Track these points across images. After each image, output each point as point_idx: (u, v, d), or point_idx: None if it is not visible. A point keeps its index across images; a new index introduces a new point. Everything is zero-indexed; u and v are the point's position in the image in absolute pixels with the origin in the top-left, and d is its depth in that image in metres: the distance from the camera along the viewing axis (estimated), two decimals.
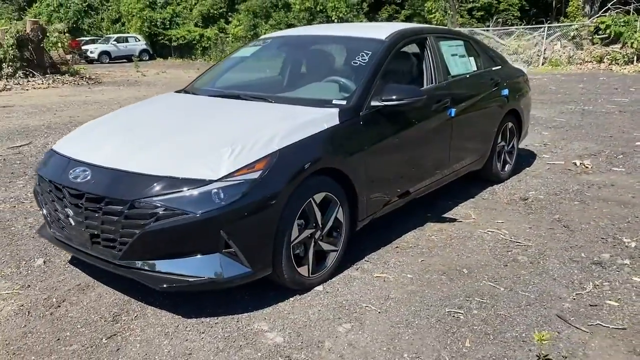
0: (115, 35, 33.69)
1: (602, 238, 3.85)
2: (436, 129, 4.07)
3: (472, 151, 4.69)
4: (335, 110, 3.28)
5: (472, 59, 4.78)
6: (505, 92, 4.97)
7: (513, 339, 2.61)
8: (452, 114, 4.15)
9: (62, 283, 3.23)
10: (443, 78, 4.21)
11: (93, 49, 31.64)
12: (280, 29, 30.28)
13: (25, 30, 16.52)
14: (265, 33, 31.01)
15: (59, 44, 18.61)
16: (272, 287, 3.08)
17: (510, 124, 5.21)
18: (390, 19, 27.86)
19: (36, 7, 39.62)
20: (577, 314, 2.84)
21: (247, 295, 3.04)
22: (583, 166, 5.76)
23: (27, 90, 14.66)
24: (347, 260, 3.45)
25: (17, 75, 15.98)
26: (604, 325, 2.72)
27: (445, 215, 4.37)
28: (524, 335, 2.65)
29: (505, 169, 5.32)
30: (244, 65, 4.48)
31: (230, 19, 32.64)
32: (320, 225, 3.11)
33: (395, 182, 3.73)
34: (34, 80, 16.00)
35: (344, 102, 3.40)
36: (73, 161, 3.05)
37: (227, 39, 31.84)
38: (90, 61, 30.39)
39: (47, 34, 17.53)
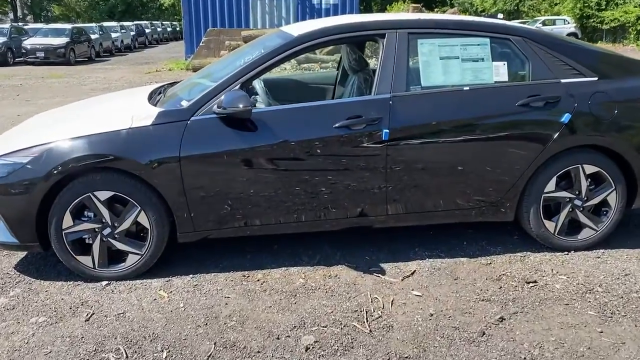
0: (543, 18, 32.63)
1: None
2: (340, 155, 3.15)
3: (464, 193, 3.34)
4: (156, 111, 3.14)
5: (500, 64, 3.30)
6: (566, 117, 3.24)
7: None
8: (385, 137, 3.14)
9: None
10: (388, 89, 3.17)
11: None
12: None
13: None
14: None
15: None
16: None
17: (590, 168, 3.36)
18: None
19: None
20: None
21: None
22: None
23: None
24: (182, 273, 3.31)
25: None
26: None
27: (383, 264, 3.38)
28: None
29: (579, 236, 3.48)
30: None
31: None
32: (111, 224, 3.13)
33: (242, 204, 3.19)
34: None
35: (186, 104, 3.17)
36: None
37: None
38: None
39: None
